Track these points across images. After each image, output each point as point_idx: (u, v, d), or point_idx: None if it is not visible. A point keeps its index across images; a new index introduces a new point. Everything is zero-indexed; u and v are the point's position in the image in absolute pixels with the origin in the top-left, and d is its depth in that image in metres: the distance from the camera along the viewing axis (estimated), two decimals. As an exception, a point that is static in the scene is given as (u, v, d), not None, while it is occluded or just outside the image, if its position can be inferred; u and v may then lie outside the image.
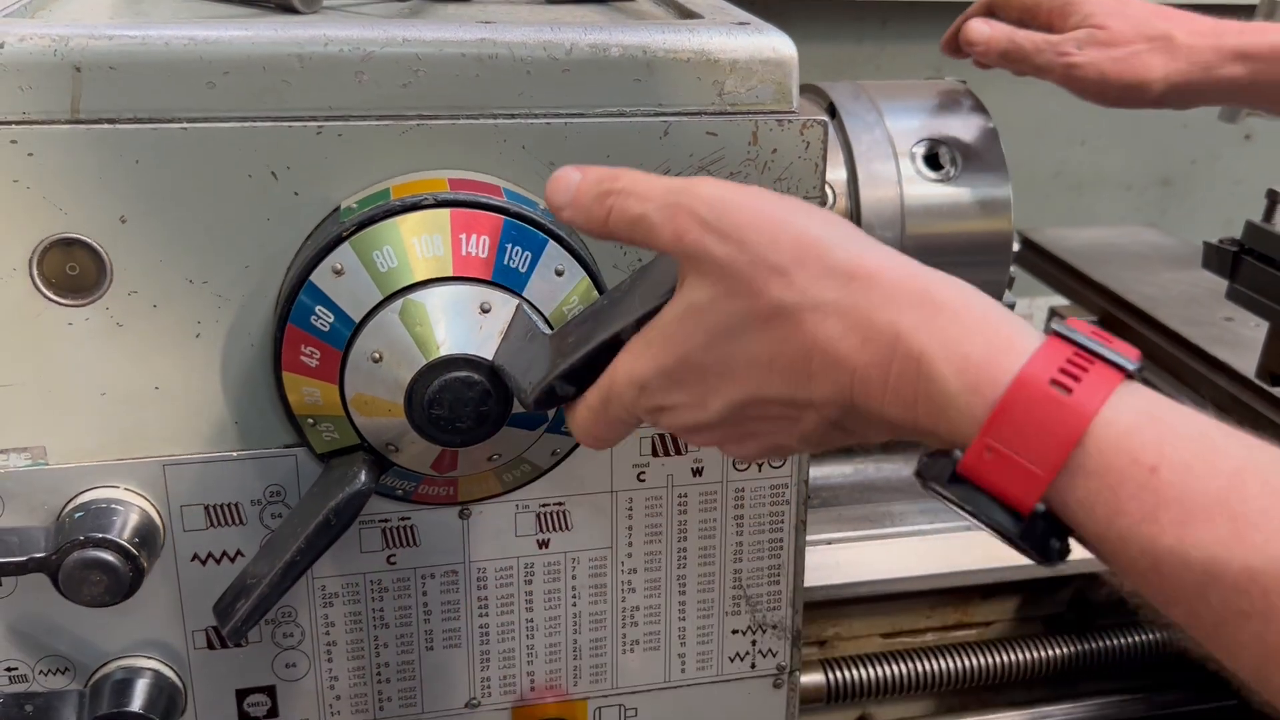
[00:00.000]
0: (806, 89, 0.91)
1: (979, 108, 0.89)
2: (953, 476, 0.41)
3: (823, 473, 1.16)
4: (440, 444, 0.57)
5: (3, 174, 0.56)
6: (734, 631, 0.72)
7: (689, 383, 0.47)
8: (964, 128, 0.87)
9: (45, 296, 0.58)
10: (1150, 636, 1.01)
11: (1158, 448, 0.39)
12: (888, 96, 0.88)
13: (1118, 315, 1.22)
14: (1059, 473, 0.39)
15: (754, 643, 0.73)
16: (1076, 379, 0.40)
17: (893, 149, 0.85)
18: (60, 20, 0.58)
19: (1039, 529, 0.40)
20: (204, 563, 0.63)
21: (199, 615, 0.64)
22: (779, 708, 0.75)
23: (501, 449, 0.60)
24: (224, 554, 0.63)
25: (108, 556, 0.58)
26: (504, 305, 0.56)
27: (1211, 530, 0.37)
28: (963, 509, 0.41)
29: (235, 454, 0.62)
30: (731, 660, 0.73)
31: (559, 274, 0.58)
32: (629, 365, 0.49)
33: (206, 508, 0.63)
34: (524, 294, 0.57)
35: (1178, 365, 1.13)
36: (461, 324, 0.55)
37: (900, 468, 1.18)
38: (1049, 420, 0.39)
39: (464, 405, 0.55)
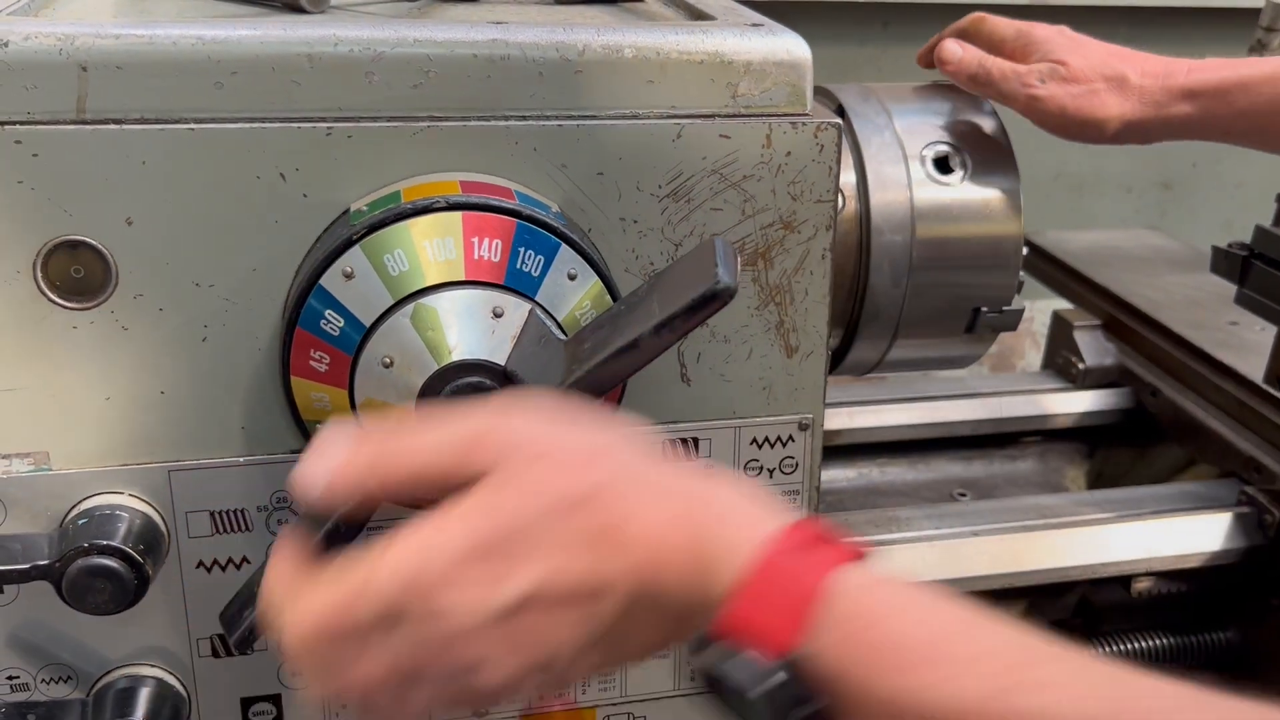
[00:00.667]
0: (815, 91, 0.90)
1: (989, 111, 0.88)
2: (703, 640, 0.41)
3: (828, 476, 1.15)
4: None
5: (7, 175, 0.55)
6: (744, 639, 0.72)
7: (492, 557, 0.41)
8: (974, 131, 0.86)
9: (49, 299, 0.57)
10: (1157, 642, 1.01)
11: (889, 600, 0.41)
12: (897, 99, 0.88)
13: (1121, 319, 1.21)
14: (806, 628, 0.40)
15: (764, 650, 0.72)
16: (818, 548, 0.42)
17: (903, 152, 0.84)
18: (65, 19, 0.57)
19: (787, 685, 0.40)
20: (209, 570, 0.62)
21: (204, 623, 0.63)
22: (788, 715, 0.74)
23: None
24: (229, 561, 0.63)
25: (112, 564, 0.57)
26: (516, 310, 0.55)
27: (949, 671, 0.39)
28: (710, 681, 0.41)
29: (242, 459, 0.61)
30: (741, 668, 0.72)
31: (571, 278, 0.57)
32: (417, 537, 0.42)
33: (212, 514, 0.62)
34: (536, 298, 0.56)
35: (1183, 370, 1.13)
36: (474, 328, 0.55)
37: (904, 471, 1.17)
38: (797, 574, 0.41)
39: (476, 411, 0.54)
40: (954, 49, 0.88)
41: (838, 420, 1.13)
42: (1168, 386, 1.14)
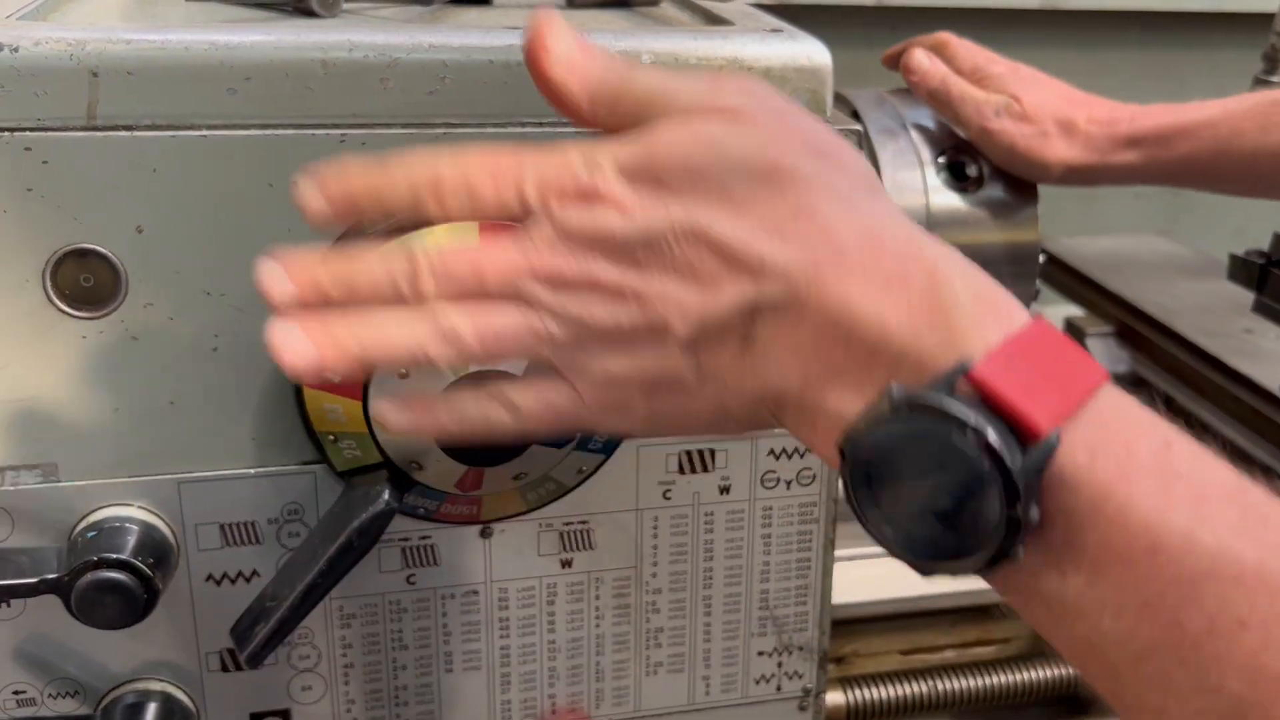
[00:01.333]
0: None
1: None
2: (936, 394, 0.34)
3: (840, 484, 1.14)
4: (468, 463, 0.55)
5: (16, 182, 0.54)
6: (760, 653, 0.71)
7: (645, 180, 0.39)
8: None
9: (58, 309, 0.56)
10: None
11: (1167, 429, 0.36)
12: (912, 105, 0.87)
13: (1134, 326, 1.20)
14: (1078, 410, 0.34)
15: (780, 665, 0.71)
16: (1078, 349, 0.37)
17: (918, 158, 0.83)
18: (75, 23, 0.56)
19: (1037, 465, 0.34)
20: (219, 583, 0.61)
21: (213, 637, 0.62)
22: (804, 731, 0.73)
23: (528, 467, 0.58)
24: (239, 574, 0.61)
25: (122, 578, 0.56)
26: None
27: (1226, 516, 0.33)
28: (922, 438, 0.34)
29: (253, 471, 0.60)
30: (757, 683, 0.71)
31: (589, 287, 0.56)
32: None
33: (222, 526, 0.61)
34: (554, 308, 0.55)
35: (1197, 378, 1.12)
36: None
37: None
38: (1069, 360, 0.35)
39: (492, 423, 0.53)
40: (922, 60, 0.88)
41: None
42: (1182, 395, 1.13)
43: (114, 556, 0.56)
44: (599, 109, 0.44)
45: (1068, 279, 1.33)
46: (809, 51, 0.61)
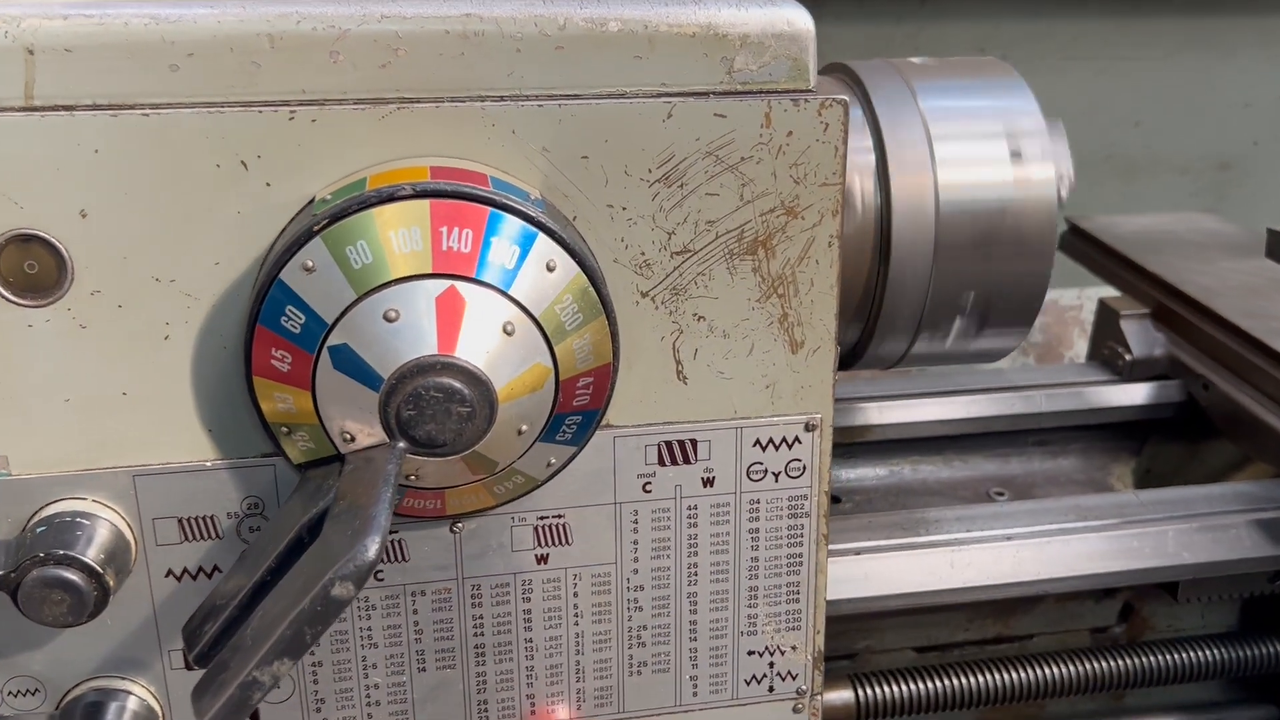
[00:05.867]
0: (835, 67, 0.85)
1: (1025, 86, 0.82)
2: None
3: (856, 474, 1.10)
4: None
5: (-47, 166, 0.52)
6: (750, 653, 0.67)
7: None
8: (1006, 108, 0.81)
9: (2, 296, 0.54)
10: (1208, 653, 0.94)
11: None
12: (923, 75, 0.82)
13: (1171, 307, 1.14)
14: None
15: (771, 665, 0.68)
16: None
17: (927, 132, 0.79)
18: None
19: None
20: (179, 579, 0.59)
21: (175, 633, 0.60)
22: (799, 733, 0.70)
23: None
24: (200, 570, 0.60)
25: (70, 575, 0.54)
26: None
27: None
28: None
29: (209, 463, 0.58)
30: (747, 683, 0.68)
31: (550, 269, 0.53)
32: None
33: (180, 520, 0.59)
34: (510, 291, 0.52)
35: (1237, 361, 1.06)
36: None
37: (938, 469, 1.12)
38: None
39: (443, 412, 0.51)
40: None
41: (867, 416, 1.08)
42: (1221, 379, 1.07)
43: (62, 553, 0.54)
44: None
45: (1103, 258, 1.27)
46: (788, 16, 0.57)
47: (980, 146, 0.80)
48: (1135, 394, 1.12)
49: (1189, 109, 1.58)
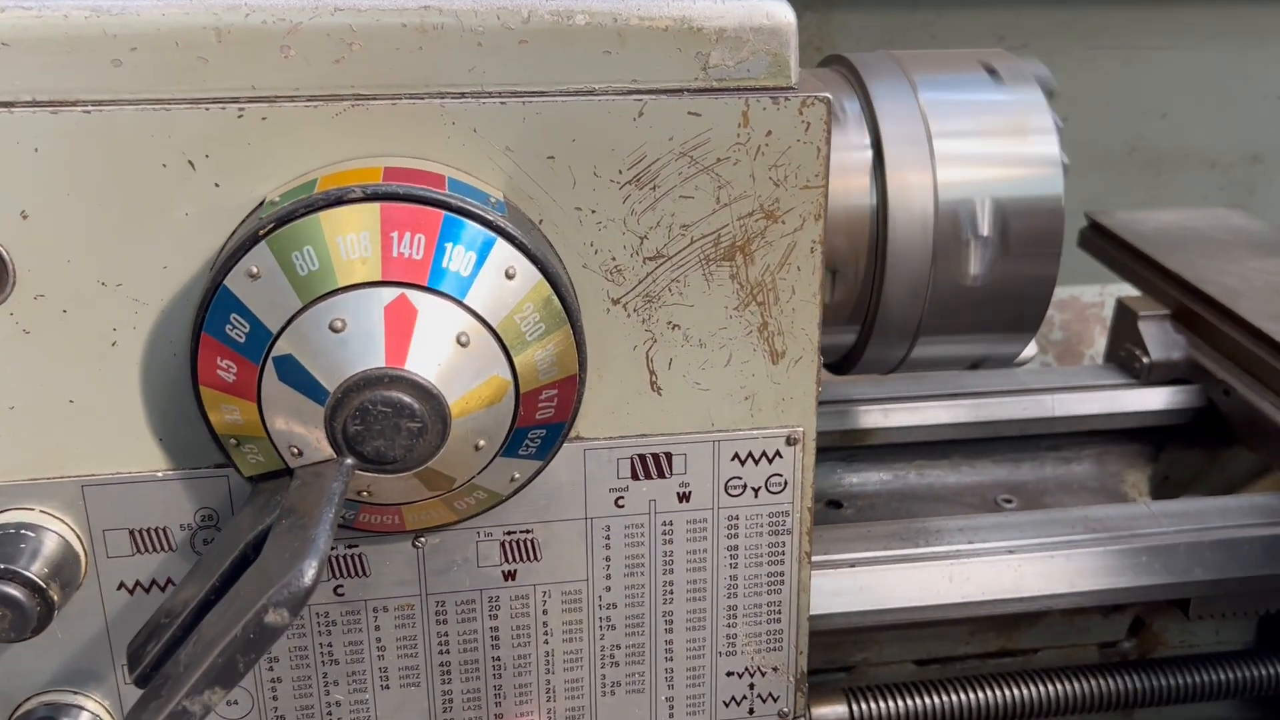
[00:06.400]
0: (832, 59, 0.81)
1: (1028, 77, 0.79)
2: None
3: (858, 479, 1.07)
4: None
5: (-112, 165, 0.50)
6: (729, 674, 0.65)
7: None
8: (1009, 101, 0.77)
9: (-58, 300, 0.52)
10: (1222, 671, 0.91)
11: None
12: (923, 68, 0.79)
13: (1192, 307, 1.10)
14: None
15: (752, 686, 0.65)
16: None
17: (926, 127, 0.75)
18: (-45, -9, 0.52)
19: None
20: (131, 591, 0.58)
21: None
22: (781, 757, 0.67)
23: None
24: (153, 582, 0.58)
25: (11, 591, 0.52)
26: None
27: None
28: None
29: (160, 474, 0.56)
30: (726, 705, 0.65)
31: (510, 277, 0.50)
32: None
33: (131, 532, 0.57)
34: (466, 300, 0.50)
35: (1259, 366, 1.01)
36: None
37: (945, 474, 1.08)
38: None
39: (392, 428, 0.48)
40: None
41: (871, 419, 1.04)
42: (1242, 384, 1.03)
43: (3, 567, 0.52)
44: None
45: (1123, 255, 1.23)
46: (768, 9, 0.54)
47: (982, 142, 0.76)
48: (1152, 399, 1.08)
49: (1218, 100, 1.53)
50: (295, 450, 0.51)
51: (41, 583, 0.53)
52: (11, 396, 0.54)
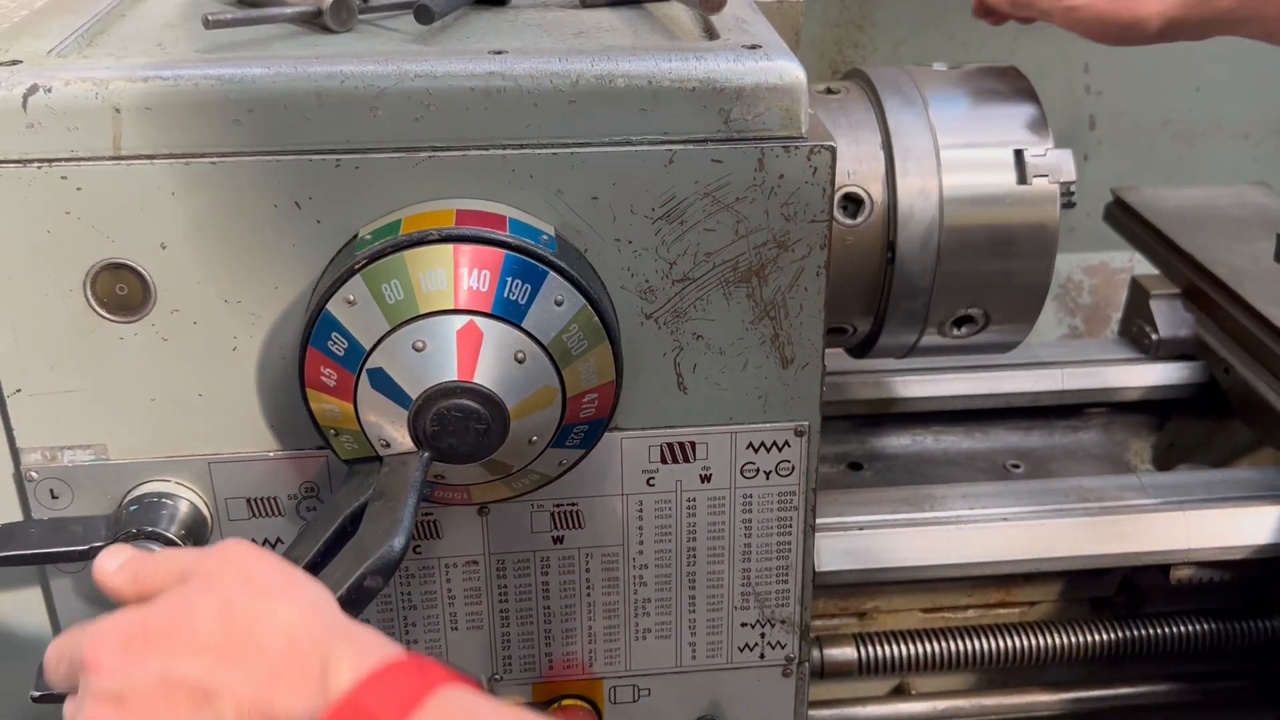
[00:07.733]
0: (855, 74, 0.89)
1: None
2: None
3: (879, 443, 1.16)
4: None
5: (56, 206, 0.61)
6: (743, 625, 0.76)
7: (134, 642, 0.47)
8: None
9: (98, 314, 0.64)
10: (1199, 627, 1.00)
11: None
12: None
13: (1202, 287, 1.17)
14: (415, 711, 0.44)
15: (763, 635, 0.76)
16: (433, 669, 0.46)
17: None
18: (104, 59, 0.63)
19: None
20: (248, 548, 0.70)
21: (245, 593, 0.71)
22: (788, 694, 0.78)
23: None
24: (265, 540, 0.70)
25: (154, 548, 0.64)
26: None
27: None
28: None
29: (272, 454, 0.68)
30: (741, 650, 0.77)
31: (559, 304, 0.61)
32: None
33: (248, 500, 0.69)
34: (523, 324, 0.60)
35: (1258, 347, 1.08)
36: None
37: (960, 439, 1.18)
38: (414, 677, 0.45)
39: (462, 429, 0.59)
40: None
41: (893, 389, 1.14)
42: (1241, 363, 1.10)
43: (150, 529, 0.65)
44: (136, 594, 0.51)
45: (1145, 233, 1.29)
46: (781, 70, 0.63)
47: (985, 154, 0.84)
48: (1157, 374, 1.15)
49: (1252, 72, 1.56)
50: (384, 442, 0.62)
51: (178, 541, 0.65)
52: (153, 390, 0.66)
